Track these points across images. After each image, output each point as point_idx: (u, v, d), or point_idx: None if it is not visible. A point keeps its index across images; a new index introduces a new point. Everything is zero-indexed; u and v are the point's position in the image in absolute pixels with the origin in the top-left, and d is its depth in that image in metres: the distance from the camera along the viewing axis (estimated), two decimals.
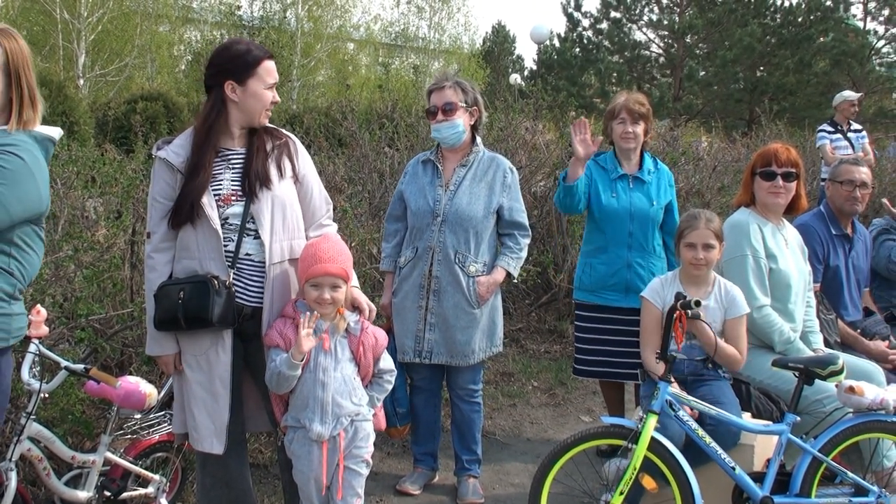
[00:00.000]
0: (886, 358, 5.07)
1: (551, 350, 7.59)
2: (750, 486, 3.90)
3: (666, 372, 3.88)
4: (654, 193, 5.18)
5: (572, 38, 35.62)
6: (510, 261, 4.67)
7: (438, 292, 4.57)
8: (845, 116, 10.86)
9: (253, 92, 3.54)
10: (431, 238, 4.57)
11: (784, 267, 4.65)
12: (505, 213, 4.67)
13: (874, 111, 32.30)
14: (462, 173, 4.64)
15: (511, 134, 8.54)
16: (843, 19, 34.44)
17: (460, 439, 4.86)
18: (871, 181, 5.41)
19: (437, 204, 4.58)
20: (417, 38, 37.49)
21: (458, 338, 4.58)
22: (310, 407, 3.53)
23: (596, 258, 5.19)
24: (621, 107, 5.17)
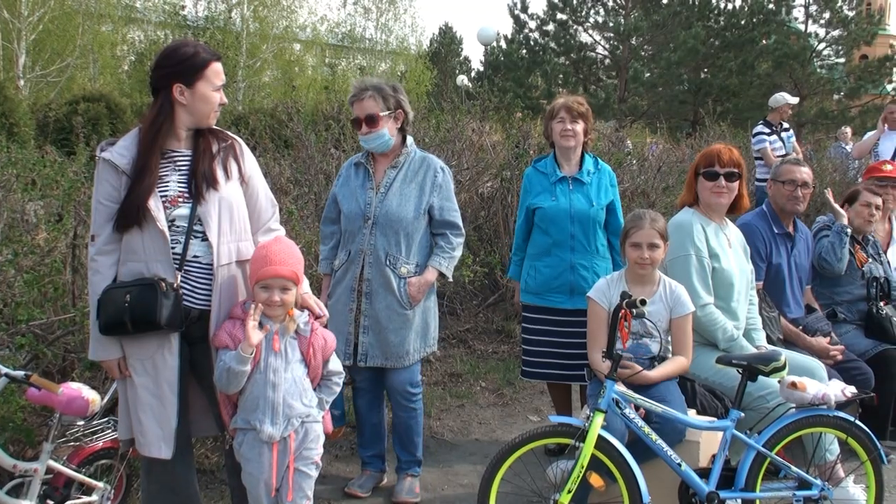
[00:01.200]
0: (828, 354, 5.16)
1: (499, 350, 7.60)
2: (696, 482, 3.94)
3: (612, 370, 3.91)
4: (593, 194, 5.22)
5: (519, 39, 35.81)
6: (442, 260, 4.65)
7: (370, 295, 4.54)
8: (782, 117, 11.04)
9: (201, 94, 3.51)
10: (363, 241, 4.55)
11: (727, 266, 4.72)
12: (436, 213, 4.64)
13: (815, 113, 32.90)
14: (392, 175, 4.61)
15: (458, 135, 8.55)
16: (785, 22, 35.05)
17: (399, 440, 4.85)
18: (812, 181, 5.50)
19: (368, 207, 4.55)
20: (364, 39, 37.35)
21: (391, 339, 4.56)
22: (260, 408, 3.51)
23: (540, 261, 5.23)
24: (560, 106, 5.22)
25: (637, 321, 4.15)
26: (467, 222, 8.00)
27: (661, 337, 4.29)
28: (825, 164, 13.88)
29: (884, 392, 5.26)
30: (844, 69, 37.17)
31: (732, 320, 4.69)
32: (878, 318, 5.65)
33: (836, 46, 36.83)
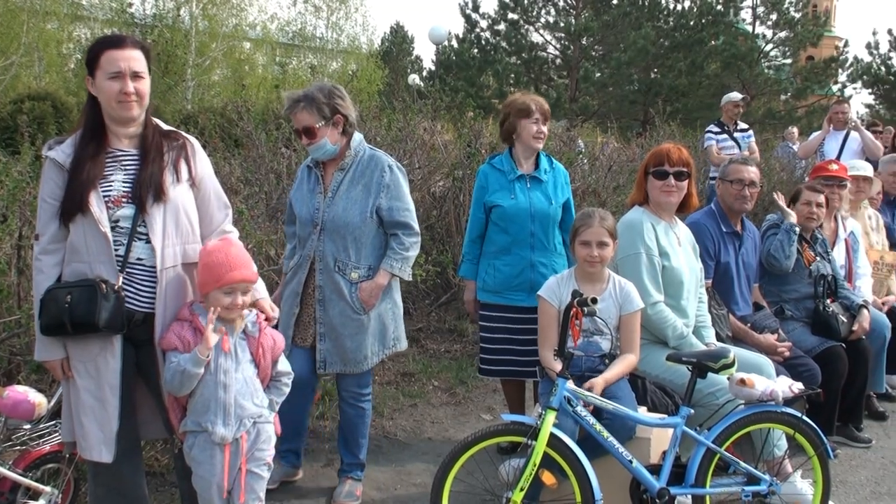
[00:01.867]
0: (775, 350, 5.22)
1: (451, 349, 7.61)
2: (647, 478, 3.98)
3: (564, 369, 3.93)
4: (552, 192, 5.24)
5: (470, 39, 35.83)
6: (394, 262, 4.56)
7: (324, 302, 4.50)
8: (730, 117, 11.17)
9: (99, 84, 3.44)
10: (311, 248, 4.51)
11: (676, 264, 4.76)
12: (385, 214, 4.54)
13: (763, 113, 33.32)
14: (339, 178, 4.54)
15: (409, 134, 8.54)
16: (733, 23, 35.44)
17: (345, 441, 4.81)
18: (759, 180, 5.56)
19: (316, 213, 4.51)
20: (315, 38, 37.13)
21: (347, 345, 4.53)
22: (211, 409, 3.48)
23: (499, 259, 5.22)
24: (537, 107, 5.20)
25: (588, 319, 4.16)
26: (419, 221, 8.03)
27: (611, 334, 4.33)
28: (773, 164, 14.06)
29: (830, 388, 5.34)
30: (791, 70, 37.67)
31: (682, 318, 4.73)
32: (825, 315, 5.73)
33: (782, 47, 37.34)
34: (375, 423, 5.84)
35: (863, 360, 5.76)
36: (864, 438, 5.83)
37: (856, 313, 5.85)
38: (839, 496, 4.91)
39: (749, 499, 4.13)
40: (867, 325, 5.84)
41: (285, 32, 36.56)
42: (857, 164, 7.45)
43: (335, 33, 37.52)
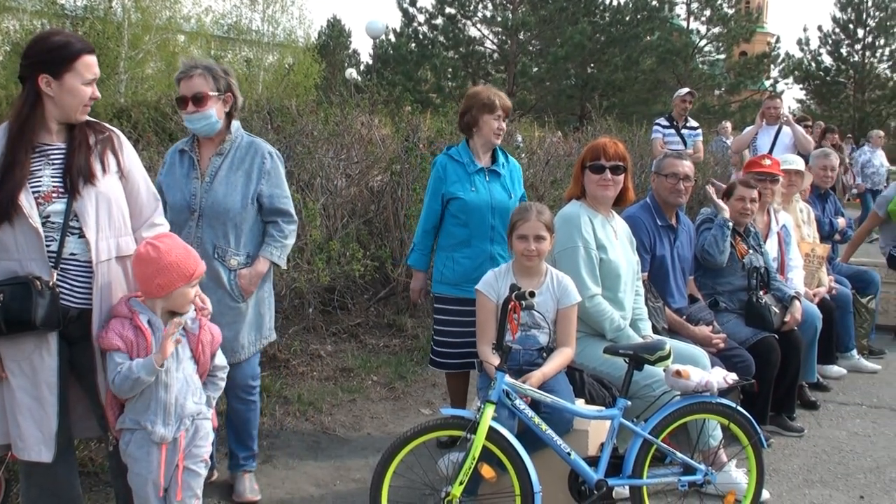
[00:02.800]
0: (710, 342, 5.29)
1: (390, 344, 7.60)
2: (585, 470, 4.00)
3: (502, 362, 3.94)
4: (510, 186, 5.26)
5: (408, 33, 35.85)
6: (273, 250, 4.52)
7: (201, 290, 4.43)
8: (679, 112, 11.29)
9: (69, 87, 3.37)
10: (189, 235, 4.33)
11: (614, 257, 4.80)
12: (266, 201, 4.48)
13: (697, 108, 33.68)
14: (218, 163, 4.42)
15: (347, 129, 8.51)
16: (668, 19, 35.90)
17: (237, 435, 4.71)
18: (693, 174, 5.63)
19: (193, 199, 4.36)
20: (250, 31, 36.79)
21: (224, 334, 4.29)
22: (152, 409, 3.43)
23: (459, 252, 5.19)
24: (501, 103, 5.19)
25: (526, 313, 4.19)
26: (357, 216, 8.01)
27: (549, 328, 4.34)
28: (707, 158, 14.27)
29: (763, 378, 5.43)
30: (725, 65, 38.28)
31: (619, 311, 4.78)
32: (758, 307, 5.83)
33: (716, 43, 37.93)
34: (314, 418, 5.82)
35: (795, 350, 5.86)
36: (796, 427, 5.94)
37: (788, 305, 5.95)
38: (773, 484, 4.99)
39: (685, 488, 4.18)
40: (799, 316, 5.94)
41: (220, 25, 36.20)
42: (789, 158, 7.58)
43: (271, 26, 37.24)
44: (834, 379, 7.19)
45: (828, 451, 5.64)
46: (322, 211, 7.31)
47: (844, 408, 6.56)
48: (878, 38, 43.68)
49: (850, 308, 7.52)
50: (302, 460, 5.24)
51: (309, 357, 6.93)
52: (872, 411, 6.49)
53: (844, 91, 44.56)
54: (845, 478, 5.19)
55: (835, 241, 8.40)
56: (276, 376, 6.43)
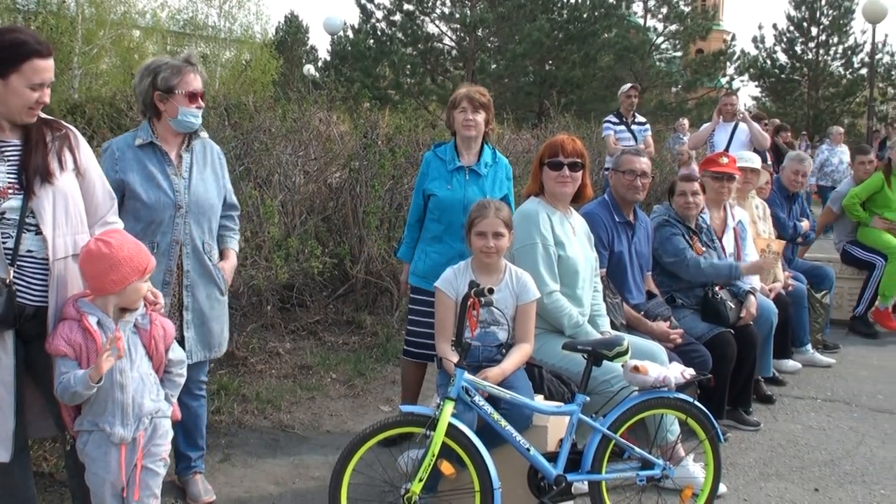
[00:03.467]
0: (668, 337, 5.34)
1: (350, 342, 7.57)
2: (544, 466, 4.02)
3: (461, 359, 3.94)
4: (488, 187, 5.26)
5: (366, 29, 35.63)
6: (236, 243, 4.64)
7: (192, 287, 4.33)
8: (626, 108, 11.35)
9: (13, 89, 3.28)
10: (178, 231, 4.26)
11: (572, 254, 4.82)
12: (227, 197, 4.56)
13: (655, 105, 33.99)
14: (188, 159, 4.36)
15: (305, 125, 8.46)
16: (625, 16, 36.09)
17: (188, 436, 4.62)
18: (650, 171, 5.67)
19: (178, 194, 4.26)
20: (207, 27, 36.48)
21: (214, 329, 4.43)
22: (109, 410, 3.39)
23: (431, 247, 5.25)
24: (463, 96, 5.21)
25: (485, 309, 4.19)
26: (316, 213, 7.97)
27: (508, 324, 4.35)
28: (664, 155, 14.37)
29: (720, 373, 5.49)
30: (681, 63, 38.55)
31: (578, 307, 4.80)
32: (714, 302, 5.88)
33: (673, 41, 38.15)
34: (272, 416, 5.79)
35: (751, 345, 5.92)
36: (752, 421, 6.00)
37: (743, 300, 6.01)
38: (730, 478, 5.04)
39: (643, 483, 4.21)
40: (754, 311, 6.01)
41: (176, 21, 35.83)
42: (746, 155, 7.65)
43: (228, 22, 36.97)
44: (789, 373, 7.28)
45: (783, 444, 5.70)
46: (280, 208, 7.27)
47: (799, 402, 6.64)
48: (831, 37, 44.16)
49: (805, 303, 7.62)
50: (260, 458, 5.21)
51: (267, 355, 6.90)
52: (827, 405, 6.58)
53: (799, 88, 45.02)
54: (800, 471, 5.26)
55: (797, 243, 8.50)
56: (234, 374, 6.39)
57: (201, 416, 4.67)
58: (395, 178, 8.39)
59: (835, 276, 8.51)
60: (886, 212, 8.86)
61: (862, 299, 8.93)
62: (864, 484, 5.07)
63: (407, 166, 8.53)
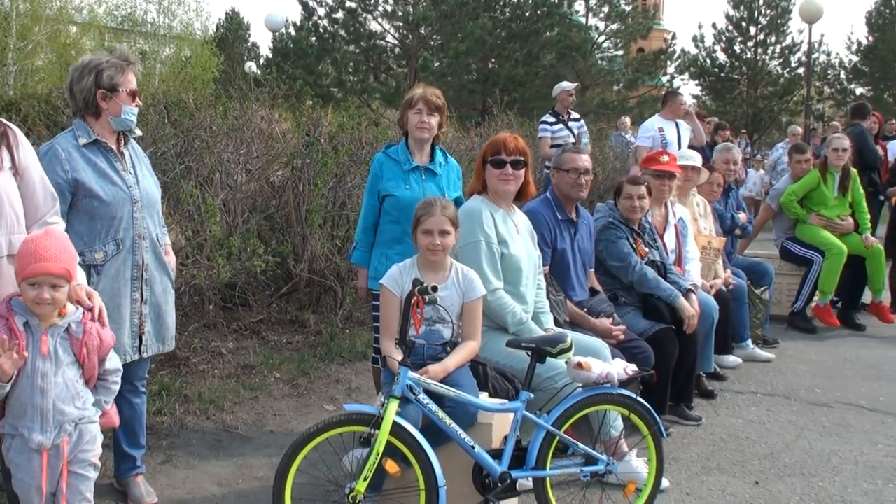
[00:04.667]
0: (611, 334, 5.38)
1: (293, 341, 7.53)
2: (489, 463, 4.02)
3: (405, 357, 3.94)
4: (445, 185, 5.26)
5: (308, 26, 35.38)
6: (167, 238, 4.62)
7: (150, 281, 4.33)
8: (565, 106, 11.42)
9: None
10: (138, 225, 4.24)
11: (515, 251, 4.83)
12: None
13: (597, 103, 34.20)
14: (129, 155, 4.33)
15: (246, 123, 8.39)
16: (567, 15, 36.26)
17: (130, 436, 4.54)
18: (592, 168, 5.71)
19: (132, 189, 4.23)
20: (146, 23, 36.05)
21: (168, 321, 4.43)
22: (28, 415, 3.31)
23: (391, 249, 5.19)
24: (419, 97, 5.19)
25: (430, 307, 4.18)
26: (258, 212, 7.91)
27: (453, 322, 4.35)
28: (607, 152, 14.49)
29: (662, 369, 5.54)
30: (623, 61, 38.86)
31: (521, 304, 4.81)
32: (655, 300, 5.94)
33: (614, 39, 38.44)
34: (215, 416, 5.74)
35: (692, 341, 5.99)
36: (694, 416, 6.07)
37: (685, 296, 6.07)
38: (672, 472, 5.09)
39: (587, 479, 4.23)
40: (695, 307, 6.07)
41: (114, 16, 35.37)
42: (687, 153, 7.75)
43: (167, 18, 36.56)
44: (730, 368, 7.38)
45: (725, 438, 5.78)
46: (222, 207, 7.20)
47: (740, 396, 6.74)
48: (769, 36, 44.90)
49: (746, 299, 7.74)
50: (203, 459, 5.15)
51: (210, 354, 6.83)
52: (767, 399, 6.68)
53: (738, 87, 45.71)
54: (741, 464, 5.33)
55: (735, 236, 8.62)
56: (175, 374, 6.32)
57: (143, 413, 4.61)
58: (338, 176, 8.35)
59: (774, 273, 8.65)
60: (823, 209, 9.02)
61: (800, 295, 9.08)
62: (803, 476, 5.16)
63: (350, 164, 8.50)
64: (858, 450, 5.60)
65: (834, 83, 45.81)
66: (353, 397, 6.35)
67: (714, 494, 4.89)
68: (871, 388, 6.99)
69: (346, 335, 7.83)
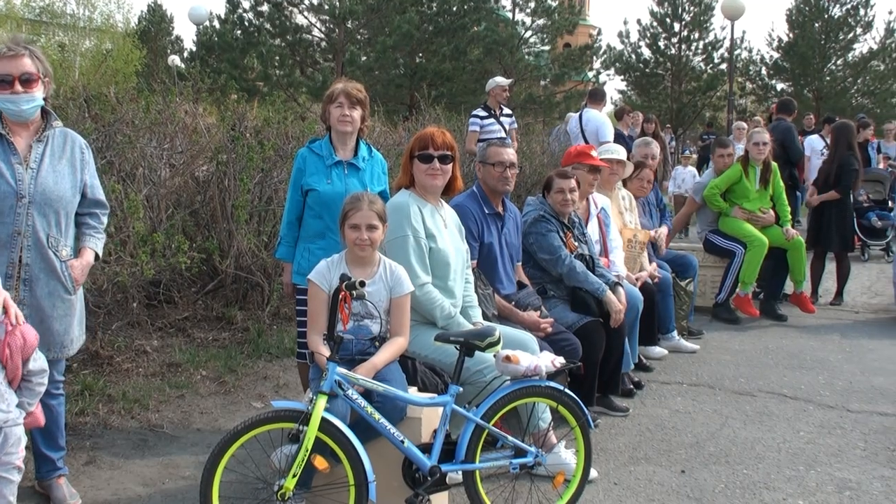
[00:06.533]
0: (539, 327, 5.41)
1: (220, 338, 7.44)
2: (418, 457, 4.02)
3: (334, 353, 3.92)
4: (368, 180, 5.21)
5: (233, 19, 35.01)
6: (98, 242, 4.43)
7: (30, 281, 4.15)
8: (497, 101, 11.44)
9: None
10: (18, 222, 4.10)
11: (443, 246, 4.84)
12: (88, 192, 4.37)
13: (524, 98, 34.44)
14: (40, 150, 4.20)
15: (170, 117, 8.25)
16: (494, 10, 36.44)
17: (49, 439, 4.45)
18: (517, 161, 5.74)
19: (20, 184, 4.10)
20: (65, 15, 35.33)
21: (56, 328, 4.24)
22: None
23: (314, 244, 5.13)
24: (340, 91, 5.13)
25: (357, 302, 4.18)
26: (183, 207, 7.80)
27: (381, 317, 4.34)
28: (534, 148, 14.57)
29: (590, 361, 5.59)
30: (549, 56, 39.18)
31: (450, 299, 4.82)
32: (582, 293, 5.99)
33: (541, 35, 38.74)
34: (140, 416, 5.65)
35: (619, 333, 6.05)
36: (621, 407, 6.14)
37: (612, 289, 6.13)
38: (600, 463, 5.14)
39: (517, 471, 4.26)
40: (622, 300, 6.14)
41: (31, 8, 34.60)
42: (612, 147, 7.83)
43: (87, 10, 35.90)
44: (656, 359, 7.49)
45: (651, 428, 5.86)
46: (145, 202, 7.08)
47: (666, 387, 6.84)
48: (692, 32, 45.61)
49: (671, 291, 7.86)
50: (128, 459, 5.07)
51: (134, 353, 6.71)
52: (692, 389, 6.79)
53: (663, 83, 46.39)
54: (668, 454, 5.41)
55: None
56: (99, 374, 6.20)
57: (61, 415, 4.49)
58: (264, 171, 8.27)
59: (698, 265, 8.78)
60: (745, 202, 9.19)
61: (723, 287, 9.25)
62: (728, 464, 5.25)
63: (276, 159, 8.42)
64: (781, 437, 5.72)
65: (756, 79, 46.71)
66: (282, 394, 6.30)
67: (641, 484, 4.95)
68: (792, 377, 7.15)
69: (273, 331, 7.76)
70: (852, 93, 45.09)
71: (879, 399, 6.57)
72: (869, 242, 13.91)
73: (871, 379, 7.12)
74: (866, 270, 12.87)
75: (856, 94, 45.12)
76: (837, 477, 5.07)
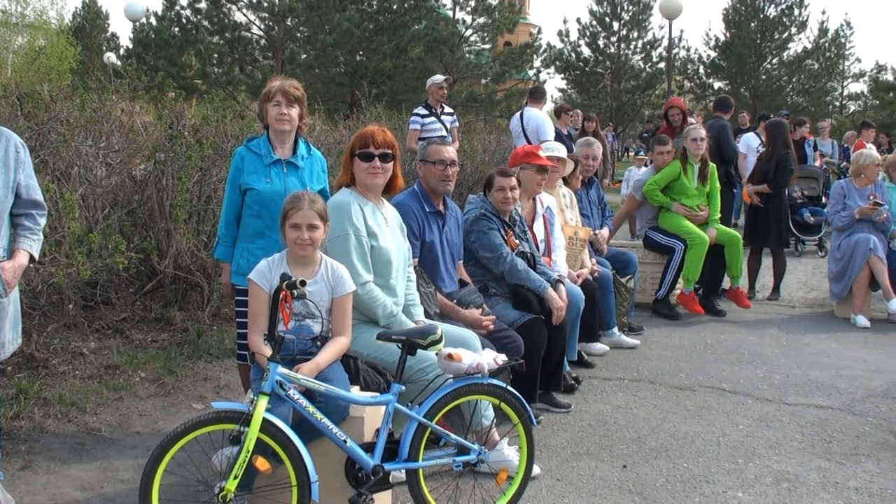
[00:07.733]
0: (480, 325, 5.42)
1: (159, 339, 7.34)
2: (361, 457, 4.01)
3: (275, 353, 3.89)
4: (308, 178, 5.18)
5: (170, 16, 34.50)
6: (33, 243, 4.30)
7: None
8: (437, 99, 11.45)
9: None
10: None
11: (385, 244, 4.82)
12: (23, 192, 4.28)
13: (465, 96, 34.45)
14: None
15: (106, 116, 8.13)
16: (434, 8, 36.41)
17: None
18: (458, 159, 5.74)
19: None
20: None
21: None
22: None
23: (254, 243, 5.09)
24: (276, 90, 5.09)
25: (299, 302, 4.15)
26: (119, 207, 7.68)
27: (323, 317, 4.32)
28: (475, 146, 14.62)
29: (532, 358, 5.61)
30: (490, 55, 39.26)
31: (392, 297, 4.81)
32: (524, 291, 6.02)
33: (482, 33, 38.78)
34: (77, 419, 5.55)
35: (560, 330, 6.08)
36: (564, 404, 6.17)
37: (554, 286, 6.16)
38: (543, 459, 5.17)
39: (460, 468, 4.28)
40: (563, 297, 6.17)
41: None
42: (552, 145, 7.88)
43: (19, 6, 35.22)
44: (597, 356, 7.54)
45: (593, 424, 5.90)
46: (81, 202, 6.96)
47: (608, 382, 6.89)
48: (631, 31, 46.12)
49: (611, 288, 7.91)
50: (65, 463, 4.98)
51: (70, 355, 6.60)
52: (633, 384, 6.85)
53: (602, 81, 46.80)
54: (609, 449, 5.45)
55: None
56: (34, 377, 6.08)
57: None
58: (203, 170, 8.18)
59: (638, 262, 8.86)
60: (684, 199, 9.29)
61: (663, 283, 9.34)
62: (669, 458, 5.31)
63: (215, 158, 8.33)
64: (720, 431, 5.79)
65: (693, 77, 47.34)
66: (222, 395, 6.24)
67: (584, 479, 4.98)
68: (731, 372, 7.25)
69: (213, 332, 7.68)
70: (787, 91, 45.91)
71: (815, 392, 6.69)
72: (802, 238, 14.17)
73: (808, 372, 7.24)
74: (801, 266, 13.11)
75: (791, 92, 45.95)
76: (775, 469, 5.15)
